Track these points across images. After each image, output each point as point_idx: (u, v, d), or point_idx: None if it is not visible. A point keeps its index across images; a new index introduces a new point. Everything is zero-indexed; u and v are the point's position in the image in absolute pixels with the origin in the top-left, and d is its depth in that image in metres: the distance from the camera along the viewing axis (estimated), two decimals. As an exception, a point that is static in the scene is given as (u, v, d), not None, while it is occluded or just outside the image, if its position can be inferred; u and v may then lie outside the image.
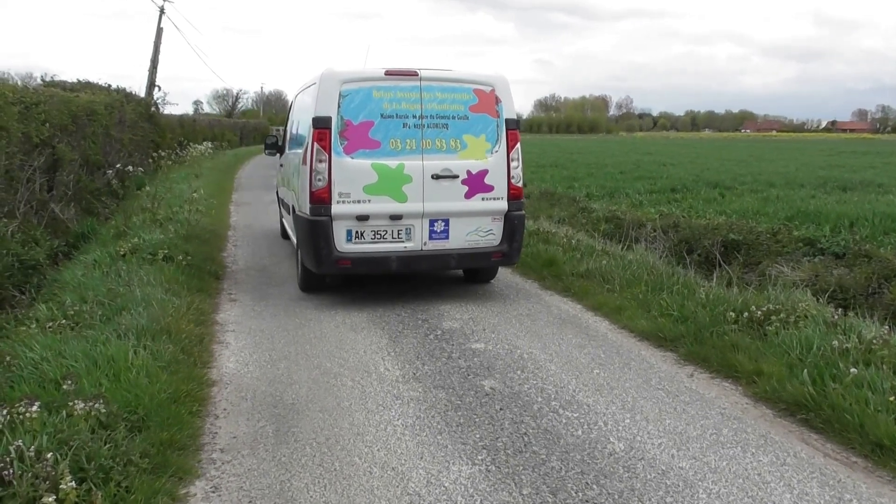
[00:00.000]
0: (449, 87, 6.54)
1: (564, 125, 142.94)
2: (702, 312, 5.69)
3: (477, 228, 6.62)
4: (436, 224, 6.52)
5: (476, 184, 6.55)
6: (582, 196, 15.33)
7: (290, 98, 9.81)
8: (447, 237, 6.56)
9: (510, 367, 4.97)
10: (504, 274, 8.01)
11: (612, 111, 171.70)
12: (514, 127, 6.73)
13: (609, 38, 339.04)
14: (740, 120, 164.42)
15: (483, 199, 6.58)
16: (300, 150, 6.93)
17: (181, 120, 31.76)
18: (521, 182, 6.76)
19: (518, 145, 6.74)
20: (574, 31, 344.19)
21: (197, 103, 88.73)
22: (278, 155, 9.49)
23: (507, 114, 6.69)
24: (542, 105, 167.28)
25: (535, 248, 8.70)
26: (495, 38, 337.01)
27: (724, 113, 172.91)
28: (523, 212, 6.88)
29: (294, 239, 7.55)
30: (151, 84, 24.71)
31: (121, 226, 9.20)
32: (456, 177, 6.48)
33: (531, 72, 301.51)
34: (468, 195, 6.53)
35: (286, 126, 9.28)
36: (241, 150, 39.81)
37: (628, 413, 4.21)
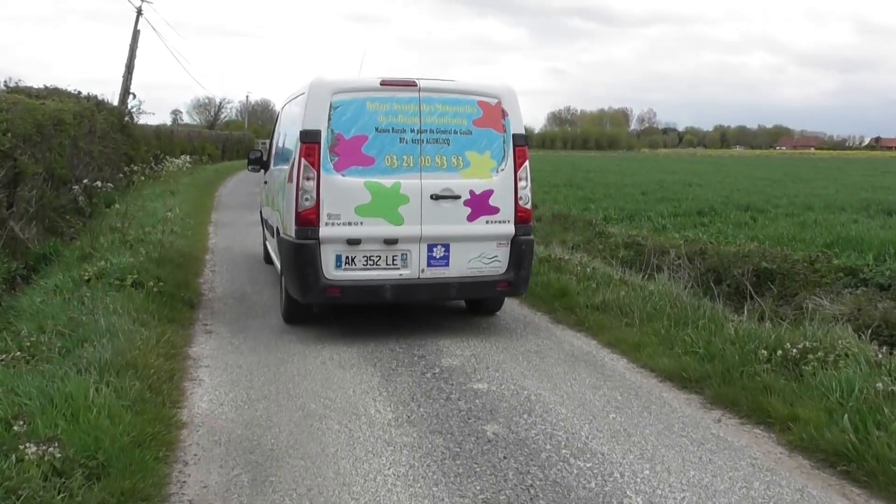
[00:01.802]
0: (451, 98, 6.56)
1: (580, 140, 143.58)
2: (731, 350, 5.67)
3: (481, 255, 6.61)
4: (435, 249, 6.52)
5: (480, 205, 6.56)
6: (599, 219, 15.35)
7: (278, 108, 10.01)
8: (447, 264, 6.55)
9: (516, 411, 4.93)
10: (511, 305, 7.99)
11: (634, 125, 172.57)
12: (523, 143, 6.75)
13: (631, 45, 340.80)
14: (775, 136, 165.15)
15: (488, 222, 6.58)
16: (286, 167, 6.98)
17: (158, 131, 32.02)
18: (529, 203, 6.76)
19: (527, 163, 6.75)
20: (592, 38, 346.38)
21: (175, 113, 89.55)
22: (263, 171, 9.59)
23: (515, 129, 6.71)
24: (556, 118, 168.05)
25: (546, 276, 8.69)
26: (506, 45, 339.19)
27: (756, 128, 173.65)
28: (532, 237, 6.88)
29: (278, 264, 7.59)
30: (126, 91, 24.98)
31: (86, 247, 9.22)
32: (458, 197, 6.49)
33: (544, 81, 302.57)
34: (471, 218, 6.54)
35: (272, 139, 9.36)
36: (224, 165, 40.04)
37: (647, 463, 4.17)
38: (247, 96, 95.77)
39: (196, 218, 14.55)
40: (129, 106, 23.90)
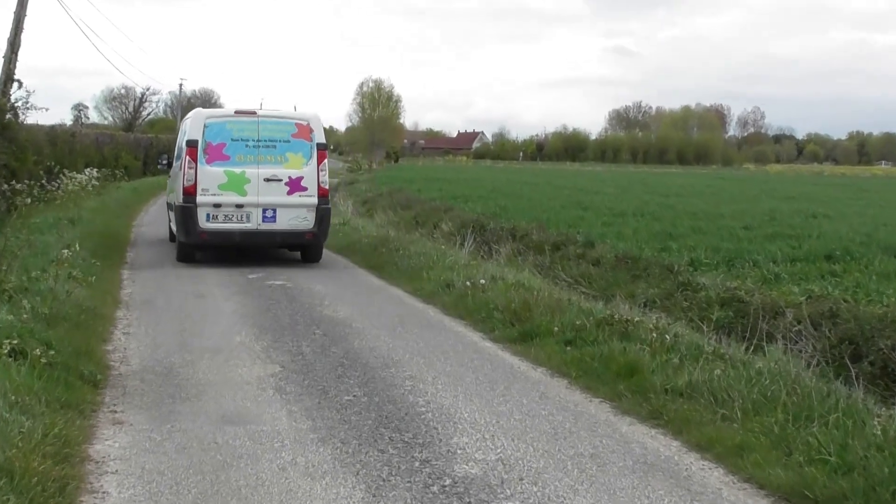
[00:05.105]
0: (277, 121, 16.01)
1: (656, 151, 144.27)
2: (877, 458, 5.62)
3: (296, 216, 15.58)
4: (267, 212, 15.40)
5: (295, 185, 15.59)
6: (683, 264, 15.34)
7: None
8: (275, 221, 15.51)
9: (562, 543, 4.89)
10: (557, 389, 7.97)
11: (733, 131, 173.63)
12: (323, 148, 16.12)
13: (729, 18, 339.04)
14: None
15: (300, 196, 15.63)
16: (180, 162, 16.20)
17: (53, 133, 32.35)
18: (327, 185, 16.31)
19: (325, 161, 16.09)
20: (673, 7, 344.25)
21: (79, 108, 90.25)
22: (169, 170, 19.65)
23: (318, 139, 16.02)
24: (622, 119, 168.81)
25: (607, 346, 8.70)
26: (552, 15, 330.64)
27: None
28: (329, 206, 16.57)
29: (174, 227, 16.71)
30: (8, 78, 25.31)
31: (-53, 299, 9.26)
32: (281, 180, 15.51)
33: (606, 67, 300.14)
34: (289, 193, 15.55)
35: (176, 145, 18.94)
36: (145, 182, 40.47)
37: None
38: (180, 85, 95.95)
39: (105, 258, 14.67)
40: (13, 98, 24.16)
